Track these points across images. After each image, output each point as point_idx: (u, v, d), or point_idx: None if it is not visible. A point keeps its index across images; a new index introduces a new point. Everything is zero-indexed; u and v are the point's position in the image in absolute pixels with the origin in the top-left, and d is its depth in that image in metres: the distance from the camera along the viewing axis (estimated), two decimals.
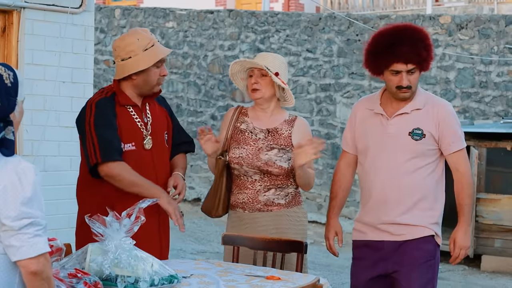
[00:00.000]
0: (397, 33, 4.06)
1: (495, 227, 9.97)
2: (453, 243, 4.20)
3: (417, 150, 4.09)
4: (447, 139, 4.12)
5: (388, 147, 4.10)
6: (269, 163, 4.37)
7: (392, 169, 4.09)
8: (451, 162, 4.17)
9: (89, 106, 4.09)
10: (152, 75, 4.11)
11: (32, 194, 2.54)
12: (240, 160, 4.39)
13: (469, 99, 11.83)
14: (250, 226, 4.40)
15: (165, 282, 3.27)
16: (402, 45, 3.99)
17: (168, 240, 4.35)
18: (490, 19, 11.89)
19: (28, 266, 2.52)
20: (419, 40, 4.04)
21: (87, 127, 4.04)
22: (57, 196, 6.32)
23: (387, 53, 4.02)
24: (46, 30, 6.39)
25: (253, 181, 4.41)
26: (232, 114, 4.55)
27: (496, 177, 10.38)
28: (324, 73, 12.84)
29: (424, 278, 4.12)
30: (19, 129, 6.50)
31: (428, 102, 4.16)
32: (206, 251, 10.15)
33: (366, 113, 4.22)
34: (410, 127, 4.10)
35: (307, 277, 3.67)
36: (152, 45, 4.08)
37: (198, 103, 14.06)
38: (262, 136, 4.44)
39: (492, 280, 9.46)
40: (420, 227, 4.11)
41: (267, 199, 4.40)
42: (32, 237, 2.52)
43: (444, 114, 4.13)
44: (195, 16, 14.34)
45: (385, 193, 4.10)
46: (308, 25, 13.09)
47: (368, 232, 4.18)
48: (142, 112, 4.18)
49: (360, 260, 4.22)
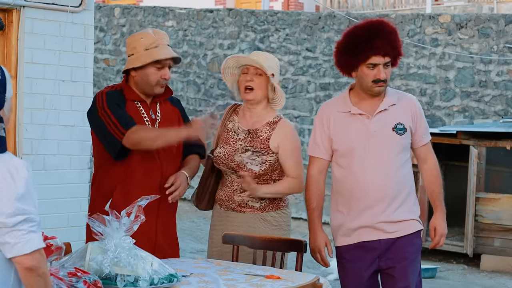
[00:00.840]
0: (372, 28, 4.09)
1: (494, 227, 9.96)
2: (434, 230, 4.26)
3: (402, 144, 4.13)
4: (420, 132, 4.21)
5: (375, 146, 4.10)
6: (240, 165, 4.36)
7: (383, 167, 4.09)
8: (422, 154, 4.25)
9: (99, 95, 4.19)
10: (150, 75, 4.16)
11: (25, 190, 2.54)
12: (217, 159, 4.43)
13: (468, 98, 11.83)
14: (225, 224, 4.42)
15: (165, 281, 3.27)
16: (380, 39, 4.04)
17: (172, 239, 4.32)
18: (489, 19, 11.88)
19: (23, 262, 2.52)
20: (394, 34, 4.10)
21: (101, 112, 4.11)
22: (56, 195, 6.32)
23: (364, 46, 4.03)
24: (45, 28, 6.39)
25: (232, 180, 4.42)
26: (227, 111, 4.58)
27: (495, 177, 10.38)
28: (323, 72, 12.84)
29: (416, 272, 4.18)
30: (18, 127, 6.47)
31: (400, 97, 4.22)
32: (205, 250, 10.13)
33: (340, 116, 4.17)
34: (392, 122, 4.13)
35: (306, 276, 3.67)
36: (156, 46, 4.15)
37: (198, 102, 14.05)
38: (242, 136, 4.43)
39: (491, 280, 9.46)
40: (412, 221, 4.15)
41: (241, 200, 4.40)
42: (27, 233, 2.52)
43: (417, 107, 4.21)
44: (194, 15, 14.34)
45: (380, 191, 4.09)
46: (307, 24, 13.09)
47: (361, 234, 4.13)
48: (150, 109, 4.23)
49: (355, 261, 4.15)
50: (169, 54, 4.19)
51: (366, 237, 4.13)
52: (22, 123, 6.28)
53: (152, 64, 4.13)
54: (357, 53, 4.05)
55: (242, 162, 4.35)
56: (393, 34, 4.10)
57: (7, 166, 2.55)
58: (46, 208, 6.12)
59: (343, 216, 4.19)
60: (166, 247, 4.22)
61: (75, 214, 6.29)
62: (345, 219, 4.18)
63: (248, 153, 4.37)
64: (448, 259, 10.24)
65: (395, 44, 4.09)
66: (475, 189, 9.99)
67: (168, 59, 4.18)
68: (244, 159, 4.36)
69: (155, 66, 4.14)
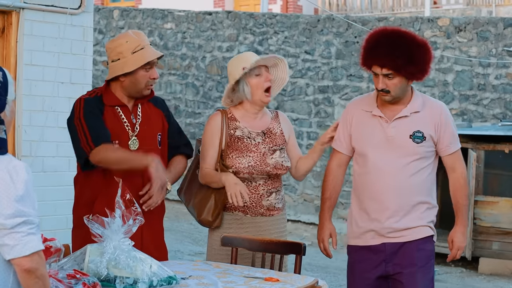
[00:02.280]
0: (381, 36, 4.05)
1: (492, 230, 9.97)
2: (452, 243, 4.22)
3: (418, 152, 4.09)
4: (446, 141, 4.14)
5: (390, 150, 4.09)
6: (277, 166, 4.38)
7: (395, 172, 4.07)
8: (449, 163, 4.19)
9: (78, 102, 4.14)
10: (140, 78, 4.12)
11: (24, 192, 2.54)
12: (250, 169, 4.33)
13: (467, 101, 11.84)
14: (252, 230, 4.38)
15: (164, 283, 3.27)
16: (380, 48, 3.99)
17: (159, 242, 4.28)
18: (488, 22, 11.90)
19: (22, 264, 2.52)
20: (402, 46, 3.97)
21: (77, 121, 4.09)
22: (55, 196, 6.32)
23: (369, 54, 4.06)
24: (45, 30, 6.39)
25: (257, 186, 4.38)
26: (221, 121, 4.41)
27: (494, 180, 10.38)
28: (322, 75, 12.85)
29: (427, 278, 4.13)
30: (17, 129, 6.47)
31: (426, 105, 4.15)
32: (204, 252, 10.12)
33: (363, 115, 4.19)
34: (411, 130, 4.09)
35: (305, 279, 3.67)
36: (142, 48, 4.10)
37: (196, 105, 14.05)
38: (260, 139, 4.41)
39: (489, 283, 9.47)
40: (420, 227, 4.11)
41: (269, 204, 4.41)
42: (26, 235, 2.52)
43: (442, 116, 4.14)
44: (193, 17, 14.34)
45: (387, 196, 4.08)
46: (306, 26, 13.10)
47: (368, 238, 4.14)
48: (131, 113, 4.18)
49: (360, 263, 4.18)
50: (157, 53, 4.17)
51: (372, 241, 4.14)
52: (21, 125, 6.28)
53: (141, 66, 4.10)
54: (364, 60, 4.09)
55: (278, 163, 4.38)
56: (399, 45, 3.96)
57: (7, 168, 2.56)
58: (45, 210, 6.11)
59: (354, 215, 4.22)
60: (153, 250, 4.14)
61: None
62: (356, 219, 4.21)
63: (277, 152, 4.41)
64: (446, 262, 10.24)
65: (395, 57, 3.95)
66: (473, 192, 10.00)
67: (155, 59, 4.16)
68: (278, 160, 4.39)
69: (144, 68, 4.11)
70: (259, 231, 4.38)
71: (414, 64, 3.99)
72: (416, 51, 4.00)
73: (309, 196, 12.70)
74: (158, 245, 4.26)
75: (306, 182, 12.72)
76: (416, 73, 4.04)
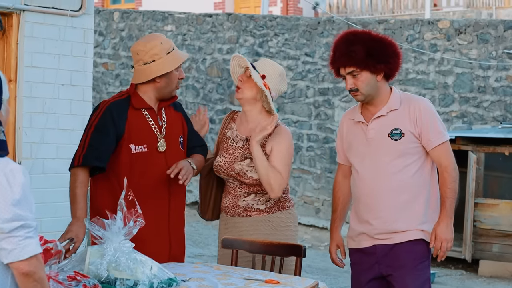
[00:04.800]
0: (338, 39, 4.15)
1: (493, 232, 9.98)
2: (434, 235, 4.08)
3: (399, 150, 4.08)
4: (426, 135, 4.10)
5: (370, 152, 4.12)
6: (240, 173, 4.36)
7: (377, 174, 4.09)
8: (434, 157, 4.13)
9: (100, 107, 4.18)
10: (173, 78, 4.21)
11: (21, 196, 2.54)
12: (218, 168, 4.43)
13: (467, 104, 11.84)
14: (232, 230, 4.42)
15: (164, 285, 3.28)
16: (338, 50, 4.10)
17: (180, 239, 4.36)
18: (488, 24, 11.91)
19: (20, 268, 2.52)
20: (357, 42, 4.06)
21: (87, 128, 4.15)
22: (55, 199, 6.32)
23: (332, 59, 4.15)
24: (45, 32, 6.40)
25: (235, 187, 4.42)
26: (225, 119, 4.58)
27: (494, 182, 10.39)
28: (322, 77, 12.85)
29: (419, 280, 4.12)
30: (18, 131, 6.46)
31: (404, 101, 4.15)
32: (204, 254, 10.15)
33: (350, 124, 4.26)
34: (389, 128, 4.10)
35: (305, 281, 3.68)
36: (173, 48, 4.21)
37: (197, 107, 14.06)
38: (241, 144, 4.43)
39: (489, 285, 9.47)
40: (409, 231, 4.09)
41: (246, 205, 4.40)
42: (23, 239, 2.52)
43: (420, 111, 4.10)
44: (193, 19, 14.35)
45: (372, 198, 4.10)
46: (306, 29, 13.11)
47: (360, 240, 4.19)
48: (157, 115, 4.24)
49: (357, 264, 4.24)
50: (185, 54, 4.31)
51: (364, 244, 4.18)
52: (21, 127, 6.28)
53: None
54: (332, 67, 4.19)
55: (242, 170, 4.36)
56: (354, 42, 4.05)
57: (4, 171, 2.55)
58: (45, 212, 6.12)
59: (351, 219, 4.28)
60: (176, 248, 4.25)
61: None
62: (351, 222, 4.27)
63: (247, 160, 4.38)
64: (447, 264, 10.25)
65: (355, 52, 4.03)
66: (473, 194, 10.01)
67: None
68: (243, 167, 4.37)
69: (176, 69, 4.20)
70: (238, 232, 4.39)
71: (373, 57, 4.04)
72: (373, 44, 4.07)
73: (309, 198, 12.71)
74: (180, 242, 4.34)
75: (306, 184, 12.72)
76: (379, 67, 4.06)
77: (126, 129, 4.13)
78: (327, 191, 12.48)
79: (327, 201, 12.48)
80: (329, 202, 12.46)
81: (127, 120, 4.15)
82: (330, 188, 12.48)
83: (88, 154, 4.07)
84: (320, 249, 11.39)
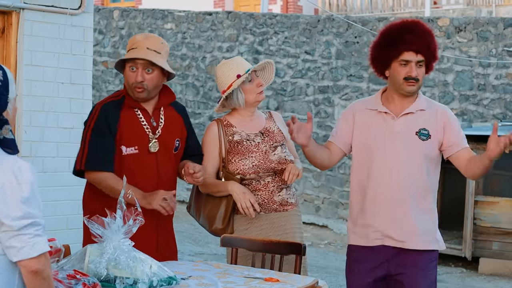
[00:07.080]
0: (406, 25, 4.07)
1: (493, 230, 9.97)
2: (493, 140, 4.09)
3: (424, 150, 4.05)
4: (452, 139, 4.10)
5: (397, 147, 4.04)
6: (281, 161, 4.39)
7: (404, 170, 4.02)
8: (459, 157, 4.11)
9: (94, 110, 4.19)
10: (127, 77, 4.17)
11: (30, 194, 2.55)
12: (255, 169, 4.35)
13: (467, 101, 11.84)
14: (266, 227, 4.39)
15: (164, 283, 3.28)
16: (414, 35, 4.00)
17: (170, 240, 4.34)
18: (488, 22, 11.90)
19: (29, 265, 2.53)
20: (428, 34, 4.05)
21: (85, 132, 4.16)
22: (55, 197, 6.32)
23: (398, 42, 4.00)
24: (45, 31, 6.39)
25: (266, 184, 4.39)
26: (218, 130, 4.42)
27: (494, 180, 10.38)
28: (322, 75, 12.85)
29: (428, 279, 4.10)
30: (18, 130, 6.47)
31: (431, 105, 4.14)
32: (204, 252, 10.15)
33: (367, 113, 4.15)
34: (417, 126, 4.07)
35: (305, 279, 3.68)
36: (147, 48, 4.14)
37: (197, 105, 14.06)
38: (259, 139, 4.42)
39: (489, 283, 9.47)
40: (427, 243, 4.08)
41: (281, 199, 4.42)
42: (33, 237, 2.53)
43: (449, 119, 4.12)
44: (193, 17, 14.34)
45: (396, 193, 4.03)
46: (306, 27, 13.10)
47: (370, 237, 4.09)
48: (152, 116, 4.21)
49: (361, 263, 4.13)
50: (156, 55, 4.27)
51: (374, 242, 4.09)
52: (21, 125, 6.28)
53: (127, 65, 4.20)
54: (390, 49, 4.03)
55: (281, 158, 4.39)
56: (427, 33, 4.05)
57: (12, 169, 2.55)
58: (45, 210, 6.05)
59: (357, 214, 4.16)
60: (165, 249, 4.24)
61: (74, 216, 6.28)
62: (358, 218, 4.15)
63: (278, 148, 4.42)
64: (447, 262, 10.24)
65: (430, 44, 4.03)
66: (473, 192, 10.00)
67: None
68: (280, 155, 4.40)
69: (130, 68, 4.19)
70: (273, 228, 4.39)
71: (436, 54, 4.09)
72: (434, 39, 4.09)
73: (309, 196, 12.70)
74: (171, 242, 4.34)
75: (306, 182, 12.72)
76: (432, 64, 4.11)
77: (118, 130, 4.12)
78: (327, 189, 12.48)
79: (327, 199, 12.48)
80: (329, 200, 12.46)
81: (119, 120, 4.14)
82: (330, 186, 12.48)
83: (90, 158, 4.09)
84: (320, 247, 11.38)
